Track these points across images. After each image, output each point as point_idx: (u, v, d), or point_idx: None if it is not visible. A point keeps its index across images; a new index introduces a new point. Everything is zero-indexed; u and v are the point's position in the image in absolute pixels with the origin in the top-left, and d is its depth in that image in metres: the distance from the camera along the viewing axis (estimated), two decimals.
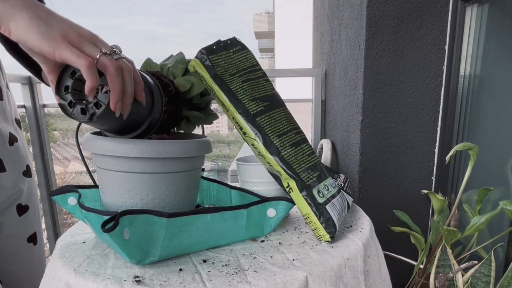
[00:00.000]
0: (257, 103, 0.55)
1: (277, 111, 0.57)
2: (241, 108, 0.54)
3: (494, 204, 0.91)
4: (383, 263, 0.60)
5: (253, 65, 0.59)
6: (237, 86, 0.55)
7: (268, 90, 0.58)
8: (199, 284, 0.43)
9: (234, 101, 0.54)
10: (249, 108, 0.54)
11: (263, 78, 0.58)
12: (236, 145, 6.21)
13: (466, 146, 0.76)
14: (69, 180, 5.59)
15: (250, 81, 0.57)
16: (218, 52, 0.57)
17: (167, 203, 0.52)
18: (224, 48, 0.58)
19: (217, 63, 0.56)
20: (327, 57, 1.73)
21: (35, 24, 0.37)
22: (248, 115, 0.54)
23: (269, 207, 0.55)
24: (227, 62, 0.57)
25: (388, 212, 1.12)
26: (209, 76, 0.55)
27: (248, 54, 0.59)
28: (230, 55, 0.58)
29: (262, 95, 0.56)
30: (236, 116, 0.54)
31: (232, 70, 0.56)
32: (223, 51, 0.57)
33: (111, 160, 0.49)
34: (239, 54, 0.59)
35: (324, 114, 1.72)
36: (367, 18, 1.01)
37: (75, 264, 0.48)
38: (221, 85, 0.55)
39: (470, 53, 0.99)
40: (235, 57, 0.58)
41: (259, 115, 0.54)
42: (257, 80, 0.58)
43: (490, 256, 0.70)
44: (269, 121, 0.55)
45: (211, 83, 0.55)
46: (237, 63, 0.58)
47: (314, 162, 0.56)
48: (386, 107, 1.06)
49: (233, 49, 0.58)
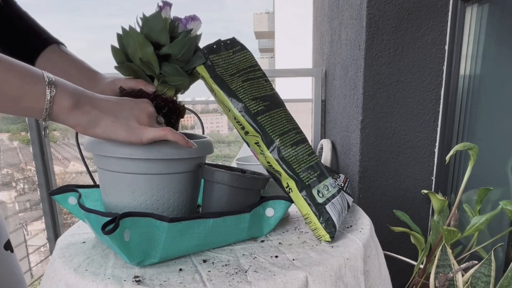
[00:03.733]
0: (258, 103, 0.55)
1: (277, 110, 0.57)
2: (242, 107, 0.54)
3: (494, 204, 0.91)
4: (383, 263, 0.60)
5: (253, 65, 0.59)
6: (237, 86, 0.55)
7: (268, 90, 0.58)
8: (199, 284, 0.43)
9: (235, 101, 0.54)
10: (250, 107, 0.54)
11: (262, 78, 0.59)
12: (236, 145, 6.21)
13: (466, 146, 0.76)
14: (69, 180, 5.59)
15: (250, 81, 0.57)
16: (219, 51, 0.57)
17: (170, 204, 0.52)
18: (224, 48, 0.58)
19: (217, 63, 0.56)
20: (327, 57, 1.73)
21: (118, 125, 0.45)
22: (249, 114, 0.54)
23: (267, 207, 0.55)
24: (227, 62, 0.57)
25: (388, 212, 1.12)
26: (210, 76, 0.55)
27: (247, 54, 0.60)
28: (230, 55, 0.58)
29: (262, 95, 0.56)
30: (237, 116, 0.54)
31: (232, 70, 0.57)
32: (223, 51, 0.58)
33: (115, 162, 0.49)
34: (239, 54, 0.59)
35: (324, 114, 1.72)
36: (367, 18, 1.01)
37: (75, 264, 0.48)
38: (221, 85, 0.55)
39: (470, 53, 0.99)
40: (235, 57, 0.58)
41: (260, 114, 0.55)
42: (257, 80, 0.58)
43: (490, 256, 0.70)
44: (270, 120, 0.55)
45: (212, 84, 0.55)
46: (237, 63, 0.58)
47: (314, 162, 0.56)
48: (386, 107, 1.06)
49: (233, 49, 0.58)
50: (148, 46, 0.51)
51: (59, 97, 0.42)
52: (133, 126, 0.45)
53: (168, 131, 0.46)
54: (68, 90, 0.43)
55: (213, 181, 0.53)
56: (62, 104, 0.42)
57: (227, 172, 0.52)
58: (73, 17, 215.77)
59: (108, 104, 0.46)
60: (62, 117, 0.43)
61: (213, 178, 0.53)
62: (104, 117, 0.44)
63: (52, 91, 0.41)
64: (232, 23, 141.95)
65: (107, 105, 0.46)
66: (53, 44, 0.65)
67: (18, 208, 5.85)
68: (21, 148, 6.34)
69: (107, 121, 0.44)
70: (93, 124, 0.44)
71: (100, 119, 0.44)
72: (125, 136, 0.45)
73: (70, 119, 0.43)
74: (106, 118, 0.44)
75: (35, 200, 2.25)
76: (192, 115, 0.75)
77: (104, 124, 0.44)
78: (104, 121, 0.44)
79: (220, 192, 0.53)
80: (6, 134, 6.66)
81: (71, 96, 0.43)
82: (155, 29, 0.51)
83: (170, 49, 0.52)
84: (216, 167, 0.54)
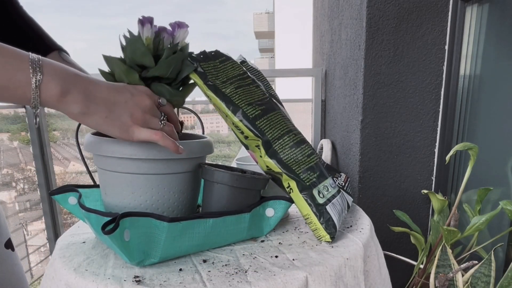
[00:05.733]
0: (254, 107, 0.55)
1: (274, 113, 0.56)
2: (239, 112, 0.54)
3: (494, 204, 0.91)
4: (383, 263, 0.60)
5: (241, 73, 0.58)
6: (231, 92, 0.55)
7: (261, 95, 0.58)
8: (199, 284, 0.43)
9: (232, 106, 0.54)
10: (247, 112, 0.54)
11: (253, 84, 0.58)
12: (236, 145, 6.21)
13: (466, 146, 0.76)
14: (69, 180, 5.59)
15: (242, 87, 0.56)
16: (206, 61, 0.56)
17: (170, 204, 0.52)
18: (210, 58, 0.57)
19: (208, 70, 0.55)
20: (327, 57, 1.73)
21: (110, 120, 0.44)
22: (248, 119, 0.54)
23: (267, 207, 0.55)
24: (216, 70, 0.56)
25: (388, 212, 1.12)
26: (203, 83, 0.54)
27: (234, 64, 0.59)
28: (217, 64, 0.57)
29: (257, 100, 0.56)
30: (236, 121, 0.54)
31: (222, 78, 0.56)
32: (210, 61, 0.57)
33: (115, 162, 0.49)
34: (225, 64, 0.58)
35: (324, 114, 1.72)
36: (367, 18, 1.01)
37: (75, 264, 0.48)
38: (215, 92, 0.54)
39: (470, 53, 0.99)
40: (221, 66, 0.57)
41: (258, 119, 0.54)
42: (248, 87, 0.57)
43: (490, 256, 0.70)
44: (269, 123, 0.55)
45: (206, 90, 0.55)
46: (226, 72, 0.57)
47: (314, 163, 0.56)
48: (386, 107, 1.06)
49: (219, 59, 0.58)
50: (133, 73, 0.49)
51: (46, 84, 0.40)
52: (125, 123, 0.44)
53: (160, 136, 0.45)
54: (58, 75, 0.41)
55: (213, 181, 0.53)
56: (50, 92, 0.40)
57: (227, 172, 0.52)
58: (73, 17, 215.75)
59: (102, 93, 0.44)
60: (52, 105, 0.41)
61: (213, 178, 0.53)
62: (97, 110, 0.43)
63: (38, 80, 0.39)
64: (232, 23, 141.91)
65: (102, 95, 0.44)
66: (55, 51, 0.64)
67: (18, 208, 5.85)
68: (21, 148, 6.34)
69: (100, 114, 0.43)
70: (85, 115, 0.43)
71: (93, 111, 0.43)
72: (117, 133, 0.44)
73: (60, 107, 0.41)
74: (100, 111, 0.43)
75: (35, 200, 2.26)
76: (192, 115, 0.75)
77: (96, 117, 0.43)
78: (97, 115, 0.43)
79: (220, 192, 0.53)
80: (6, 134, 6.65)
81: (60, 82, 0.41)
82: (137, 53, 0.49)
83: (156, 71, 0.50)
84: (216, 167, 0.54)
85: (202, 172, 0.54)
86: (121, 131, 0.44)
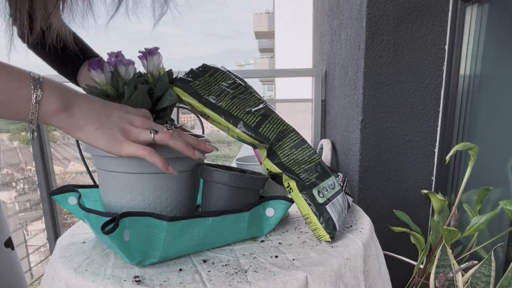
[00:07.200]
0: (254, 115, 0.55)
1: (273, 117, 0.57)
2: (240, 124, 0.54)
3: (494, 204, 0.91)
4: (383, 263, 0.60)
5: (233, 82, 0.58)
6: (227, 104, 0.55)
7: (256, 101, 0.58)
8: (199, 284, 0.43)
9: (232, 119, 0.54)
10: (247, 121, 0.54)
11: (246, 91, 0.58)
12: (236, 145, 6.21)
13: (466, 146, 0.76)
14: (69, 180, 5.60)
15: (237, 97, 0.56)
16: (195, 79, 0.56)
17: (169, 203, 0.52)
18: (199, 75, 0.57)
19: (200, 88, 0.55)
20: (327, 57, 1.73)
21: (100, 133, 0.44)
22: (250, 128, 0.54)
23: (267, 207, 0.56)
24: (208, 85, 0.56)
25: (388, 212, 1.12)
26: (198, 102, 0.54)
27: (223, 74, 0.59)
28: (207, 79, 0.57)
29: (253, 107, 0.56)
30: (239, 133, 0.54)
31: (216, 92, 0.56)
32: (200, 78, 0.57)
33: (113, 161, 0.49)
34: (215, 76, 0.58)
35: (324, 114, 1.72)
36: (367, 18, 1.01)
37: (75, 264, 0.48)
38: (212, 108, 0.54)
39: (470, 53, 0.99)
40: (212, 80, 0.57)
41: (260, 125, 0.54)
42: (242, 95, 0.57)
43: (490, 256, 0.70)
44: (271, 127, 0.55)
45: (203, 108, 0.54)
46: (217, 85, 0.57)
47: (314, 163, 0.56)
48: (386, 107, 1.06)
49: (208, 73, 0.58)
50: None
51: (45, 100, 0.41)
52: (115, 137, 0.44)
53: (148, 153, 0.44)
54: (56, 91, 0.42)
55: (212, 181, 0.53)
56: (48, 108, 0.41)
57: (225, 172, 0.52)
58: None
59: (95, 106, 0.45)
60: (48, 120, 0.42)
61: (212, 178, 0.53)
62: (88, 123, 0.43)
63: (38, 96, 0.40)
64: (232, 23, 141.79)
65: (95, 108, 0.44)
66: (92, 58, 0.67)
67: (18, 208, 5.86)
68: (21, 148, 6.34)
69: (91, 127, 0.44)
70: (76, 128, 0.43)
71: (84, 124, 0.43)
72: (105, 146, 0.44)
73: (54, 121, 0.43)
74: (91, 124, 0.44)
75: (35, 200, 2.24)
76: (192, 115, 0.75)
77: (87, 129, 0.44)
78: (88, 127, 0.44)
79: (219, 192, 0.53)
80: (6, 134, 6.65)
81: (59, 98, 0.42)
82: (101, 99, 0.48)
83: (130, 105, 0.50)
84: (216, 167, 0.54)
85: (201, 172, 0.54)
86: (110, 144, 0.44)
